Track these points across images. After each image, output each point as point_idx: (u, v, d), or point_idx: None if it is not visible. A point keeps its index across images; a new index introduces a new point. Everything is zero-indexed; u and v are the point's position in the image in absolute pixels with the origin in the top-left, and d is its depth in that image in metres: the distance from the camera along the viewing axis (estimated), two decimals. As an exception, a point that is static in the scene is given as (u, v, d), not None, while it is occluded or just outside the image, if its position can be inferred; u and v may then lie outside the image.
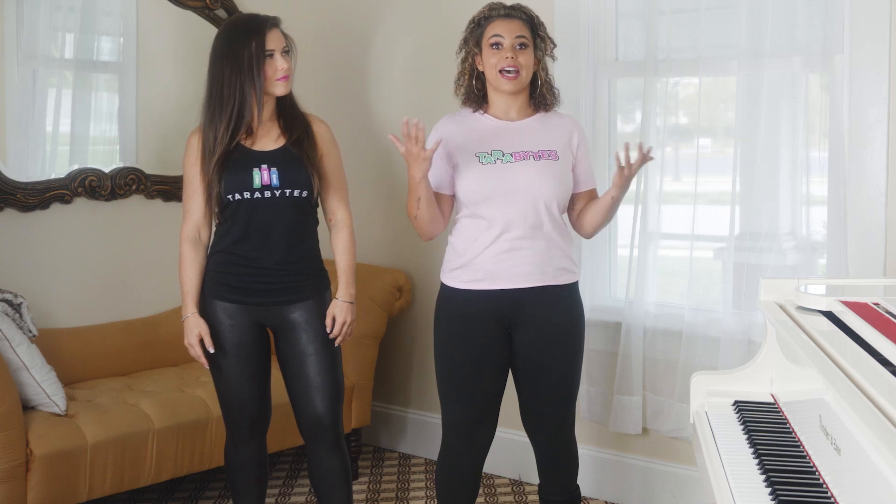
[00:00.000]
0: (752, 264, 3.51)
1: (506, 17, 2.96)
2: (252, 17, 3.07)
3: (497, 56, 2.93)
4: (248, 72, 2.96)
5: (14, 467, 3.20)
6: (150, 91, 4.29)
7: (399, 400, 4.59)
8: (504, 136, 2.98)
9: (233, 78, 2.97)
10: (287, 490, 4.13)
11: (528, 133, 2.99)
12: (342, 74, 4.65)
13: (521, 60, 2.92)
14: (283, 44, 3.02)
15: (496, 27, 2.95)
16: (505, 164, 2.93)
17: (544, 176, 2.92)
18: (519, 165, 2.93)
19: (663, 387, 3.73)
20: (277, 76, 2.99)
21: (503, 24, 2.95)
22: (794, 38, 3.39)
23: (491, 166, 2.93)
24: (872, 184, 3.24)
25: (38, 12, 4.04)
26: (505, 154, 2.94)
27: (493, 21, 2.96)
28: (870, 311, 2.16)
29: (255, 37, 2.98)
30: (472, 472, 3.11)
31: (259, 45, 2.97)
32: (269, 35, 2.99)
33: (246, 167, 3.00)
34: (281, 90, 3.02)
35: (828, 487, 1.83)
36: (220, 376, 3.09)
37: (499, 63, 2.92)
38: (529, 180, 2.91)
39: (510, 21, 2.96)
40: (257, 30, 2.99)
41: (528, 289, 2.94)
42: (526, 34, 2.94)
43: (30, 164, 4.02)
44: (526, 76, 2.95)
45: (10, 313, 3.48)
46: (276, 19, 3.05)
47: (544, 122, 3.02)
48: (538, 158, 2.94)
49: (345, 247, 3.15)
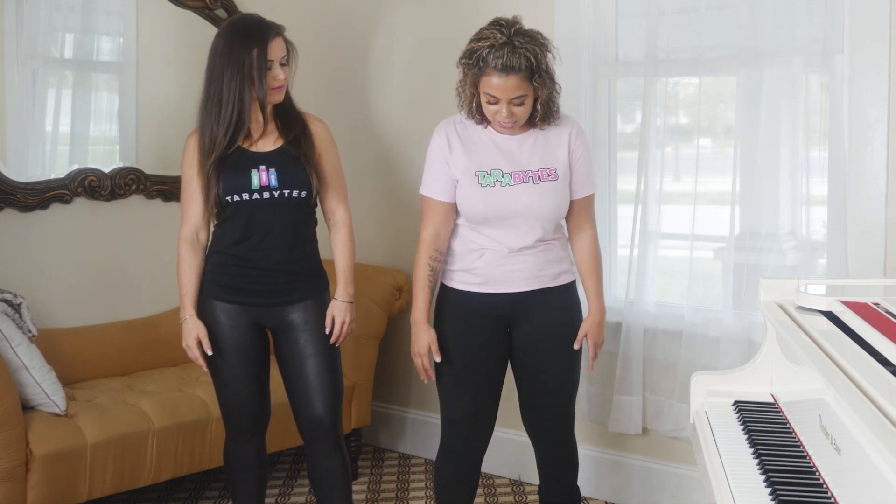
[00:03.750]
0: (752, 264, 3.51)
1: (503, 72, 2.75)
2: (258, 23, 3.00)
3: (493, 109, 2.84)
4: (248, 80, 2.94)
5: (14, 467, 3.20)
6: (150, 91, 4.29)
7: (399, 400, 4.59)
8: (503, 154, 2.93)
9: (232, 83, 2.94)
10: (287, 490, 4.13)
11: (527, 149, 2.94)
12: (342, 75, 4.65)
13: (517, 112, 2.84)
14: (284, 53, 2.99)
15: (492, 83, 2.78)
16: (504, 187, 2.90)
17: (544, 199, 2.91)
18: (518, 189, 2.90)
19: (663, 387, 3.73)
20: (273, 86, 2.98)
21: (499, 83, 2.77)
22: (794, 38, 3.39)
23: (490, 189, 2.90)
24: (872, 184, 3.24)
25: (38, 12, 4.04)
26: (504, 175, 2.91)
27: (490, 74, 2.78)
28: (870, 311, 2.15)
29: (257, 45, 2.93)
30: (470, 471, 3.12)
31: (261, 55, 2.93)
32: (271, 45, 2.95)
33: (244, 168, 3.00)
34: (275, 99, 3.01)
35: (828, 487, 1.83)
36: (219, 377, 3.09)
37: (495, 116, 2.85)
38: (529, 204, 2.90)
39: (507, 78, 2.76)
40: (261, 38, 2.94)
41: (525, 292, 2.96)
42: (523, 89, 2.79)
43: (30, 164, 4.02)
44: (521, 122, 2.89)
45: (10, 313, 3.48)
46: (279, 28, 3.01)
47: (544, 136, 2.96)
48: (538, 181, 2.91)
49: (344, 246, 3.14)
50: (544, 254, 2.96)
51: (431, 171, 2.99)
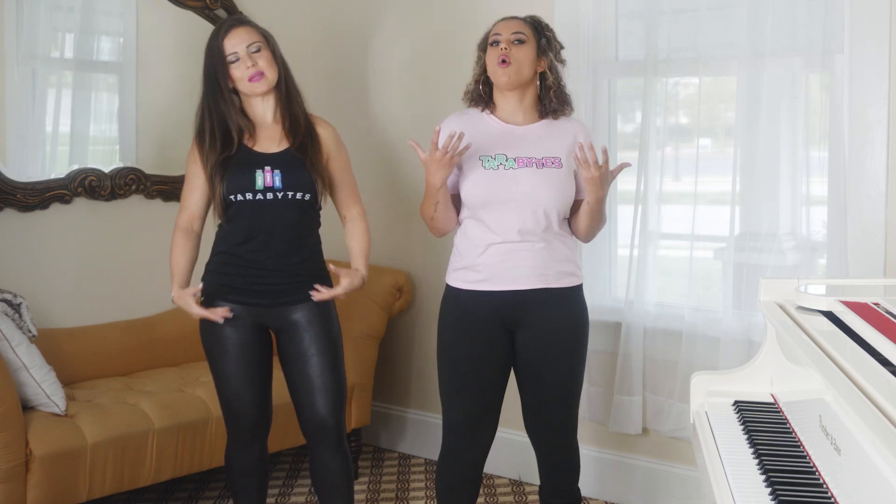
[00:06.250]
0: (752, 264, 3.51)
1: (509, 18, 3.04)
2: (217, 25, 3.07)
3: (495, 51, 2.96)
4: (216, 88, 2.98)
5: (14, 467, 3.20)
6: (150, 91, 4.29)
7: (399, 400, 4.59)
8: (509, 141, 2.97)
9: (208, 96, 3.01)
10: (287, 490, 4.13)
11: (533, 138, 2.98)
12: (342, 76, 4.65)
13: (515, 53, 2.94)
14: (250, 41, 2.97)
15: (497, 27, 3.02)
16: (507, 170, 2.93)
17: (546, 184, 2.92)
18: (521, 172, 2.93)
19: (663, 387, 3.73)
20: (246, 77, 2.97)
21: (503, 24, 3.02)
22: (794, 38, 3.39)
23: (493, 171, 2.94)
24: (872, 184, 3.24)
25: (38, 12, 4.04)
26: (508, 159, 2.94)
27: (497, 23, 3.04)
28: (870, 311, 2.15)
29: (215, 46, 2.98)
30: (473, 472, 3.11)
31: (219, 55, 2.97)
32: (226, 41, 2.97)
33: (248, 168, 3.00)
34: (258, 89, 3.00)
35: (828, 487, 1.83)
36: (221, 377, 3.09)
37: (496, 61, 2.95)
38: (531, 188, 2.91)
39: (510, 21, 3.02)
40: (215, 37, 2.99)
41: (529, 290, 2.95)
42: (524, 31, 2.98)
43: (30, 164, 4.02)
44: (521, 70, 2.94)
45: (10, 313, 3.48)
46: (233, 19, 3.03)
47: (551, 128, 3.01)
48: (541, 167, 2.94)
49: (360, 233, 3.17)
50: (548, 251, 2.95)
51: None
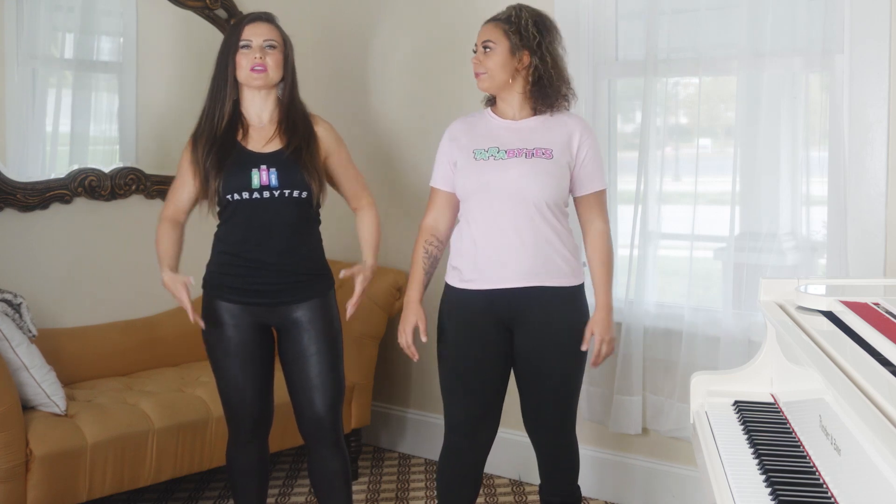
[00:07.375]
0: (752, 264, 3.51)
1: (486, 22, 2.99)
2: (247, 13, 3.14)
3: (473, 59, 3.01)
4: (223, 69, 3.03)
5: (14, 467, 3.20)
6: (150, 91, 4.29)
7: (399, 400, 4.59)
8: (504, 135, 2.98)
9: (216, 74, 3.06)
10: (287, 490, 4.13)
11: (527, 132, 2.98)
12: (342, 76, 4.65)
13: (485, 62, 2.94)
14: (267, 37, 3.02)
15: (478, 33, 3.00)
16: (497, 160, 2.94)
17: (533, 173, 2.91)
18: (510, 162, 2.93)
19: (663, 387, 3.73)
20: (250, 66, 3.00)
21: (481, 30, 2.99)
22: (794, 38, 3.39)
23: (483, 162, 2.95)
24: (872, 184, 3.24)
25: (38, 12, 4.04)
26: (500, 151, 2.95)
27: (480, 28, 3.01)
28: (870, 311, 2.15)
29: (234, 30, 3.04)
30: (473, 471, 3.12)
31: (235, 38, 3.02)
32: (247, 28, 3.02)
33: (244, 168, 3.00)
34: (255, 82, 3.02)
35: (828, 487, 1.83)
36: (222, 376, 3.10)
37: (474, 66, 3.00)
38: (518, 177, 2.91)
39: (484, 27, 2.99)
40: (239, 23, 3.06)
41: (521, 289, 2.94)
42: (493, 35, 2.94)
43: (30, 164, 4.02)
44: (494, 77, 2.94)
45: (10, 313, 3.48)
46: (262, 14, 3.07)
47: (547, 122, 3.00)
48: (530, 156, 2.93)
49: (369, 222, 3.19)
50: (538, 248, 2.92)
51: (437, 163, 3.08)
